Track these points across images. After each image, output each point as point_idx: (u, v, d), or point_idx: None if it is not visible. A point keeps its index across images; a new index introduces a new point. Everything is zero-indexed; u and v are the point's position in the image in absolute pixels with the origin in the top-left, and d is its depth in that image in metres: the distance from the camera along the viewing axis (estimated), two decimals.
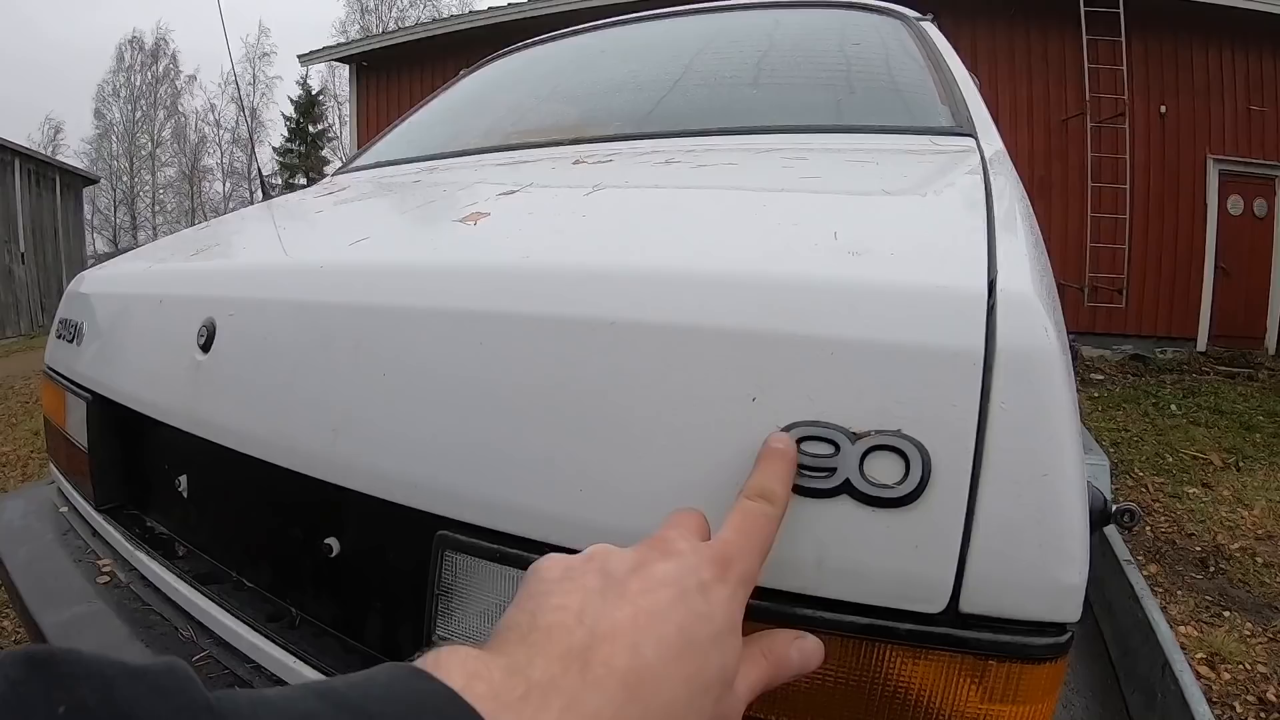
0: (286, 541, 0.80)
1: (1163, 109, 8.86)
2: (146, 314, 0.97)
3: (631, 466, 0.51)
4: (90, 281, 1.24)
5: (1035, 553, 0.44)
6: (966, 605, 0.45)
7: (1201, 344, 8.92)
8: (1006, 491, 0.44)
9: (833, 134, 1.14)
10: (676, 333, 0.51)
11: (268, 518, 0.84)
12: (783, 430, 0.47)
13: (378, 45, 11.14)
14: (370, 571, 0.71)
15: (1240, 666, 2.34)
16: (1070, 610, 0.46)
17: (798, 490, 0.46)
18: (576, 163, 1.08)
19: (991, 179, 0.83)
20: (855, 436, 0.45)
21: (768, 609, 0.47)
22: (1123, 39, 8.33)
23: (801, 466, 0.46)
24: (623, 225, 0.74)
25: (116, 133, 34.15)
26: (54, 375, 1.26)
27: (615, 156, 1.09)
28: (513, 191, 0.91)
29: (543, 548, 0.52)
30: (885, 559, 0.45)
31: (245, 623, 0.80)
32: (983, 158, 1.01)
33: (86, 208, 21.61)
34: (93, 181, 20.13)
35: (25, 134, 30.86)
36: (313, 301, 0.72)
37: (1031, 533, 0.44)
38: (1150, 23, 8.53)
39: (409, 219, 0.96)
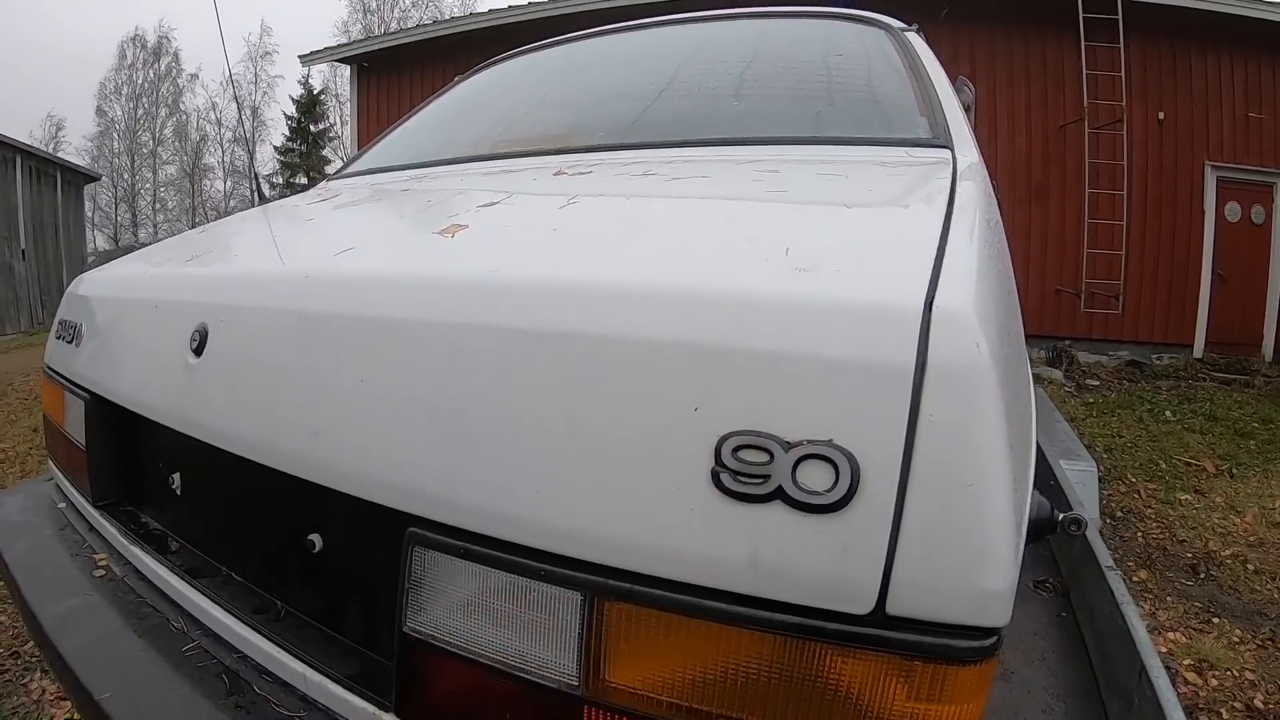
0: (273, 538, 0.84)
1: (1161, 115, 8.86)
2: (143, 317, 1.01)
3: (583, 471, 0.54)
4: (89, 284, 1.27)
5: (960, 559, 0.48)
6: (894, 608, 0.48)
7: (1198, 350, 8.94)
8: (932, 500, 0.48)
9: (809, 146, 1.17)
10: (627, 345, 0.55)
11: (255, 515, 0.87)
12: (722, 435, 0.50)
13: (379, 46, 11.16)
14: (350, 567, 0.75)
15: (1228, 673, 2.35)
16: (996, 615, 0.49)
17: (734, 495, 0.49)
18: (558, 174, 1.12)
19: (958, 192, 0.84)
20: (789, 445, 0.49)
21: (704, 607, 0.51)
22: (1121, 45, 8.34)
23: (737, 473, 0.49)
24: (590, 240, 0.78)
25: (118, 130, 34.16)
26: (53, 375, 1.29)
27: (596, 167, 1.13)
28: (493, 203, 0.94)
29: (504, 546, 0.56)
30: (815, 562, 0.48)
31: (233, 615, 0.84)
32: (955, 170, 1.02)
33: (87, 205, 21.65)
34: (94, 179, 20.16)
35: (27, 131, 30.94)
36: (298, 310, 0.76)
37: (956, 540, 0.48)
38: (1149, 29, 8.53)
39: (394, 229, 1.00)
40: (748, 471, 0.49)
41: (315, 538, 0.75)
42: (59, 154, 22.76)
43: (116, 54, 34.17)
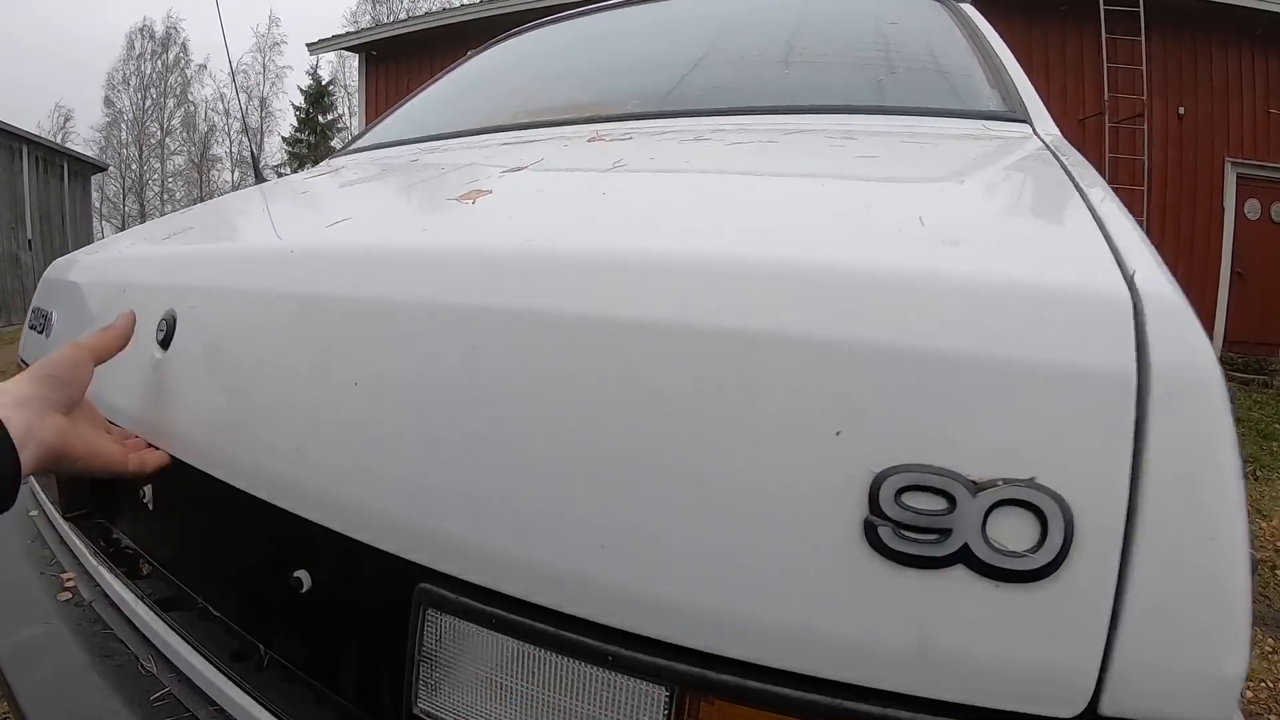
0: (254, 569, 0.69)
1: (1181, 110, 8.75)
2: (109, 304, 0.87)
3: (670, 519, 0.39)
4: (62, 268, 1.15)
5: (1197, 638, 0.34)
6: (1109, 707, 0.34)
7: (1216, 349, 8.73)
8: (1166, 560, 0.33)
9: (875, 115, 1.03)
10: (732, 341, 0.40)
11: (233, 540, 0.73)
12: (879, 472, 0.36)
13: (388, 34, 11.03)
14: (345, 614, 0.59)
15: (1262, 684, 2.25)
16: (1227, 706, 0.35)
17: (899, 558, 0.35)
18: (591, 140, 0.97)
19: (1070, 166, 0.73)
20: (976, 487, 0.34)
21: (851, 712, 0.36)
22: (1142, 38, 8.20)
23: (903, 526, 0.35)
24: (653, 205, 0.62)
25: (126, 121, 34.13)
26: (24, 366, 1.17)
27: (635, 134, 0.97)
28: (519, 168, 0.79)
29: (552, 616, 0.41)
30: (1010, 649, 0.34)
31: (209, 660, 0.70)
32: (1047, 145, 0.91)
33: (95, 195, 21.60)
34: (101, 169, 20.12)
35: (35, 121, 30.91)
36: (277, 291, 0.60)
37: (1194, 612, 0.34)
38: (1170, 23, 8.41)
39: (398, 198, 0.84)
40: (919, 524, 0.35)
41: (302, 575, 0.59)
42: (67, 145, 22.68)
43: (125, 44, 34.17)
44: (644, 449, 0.40)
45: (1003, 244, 0.44)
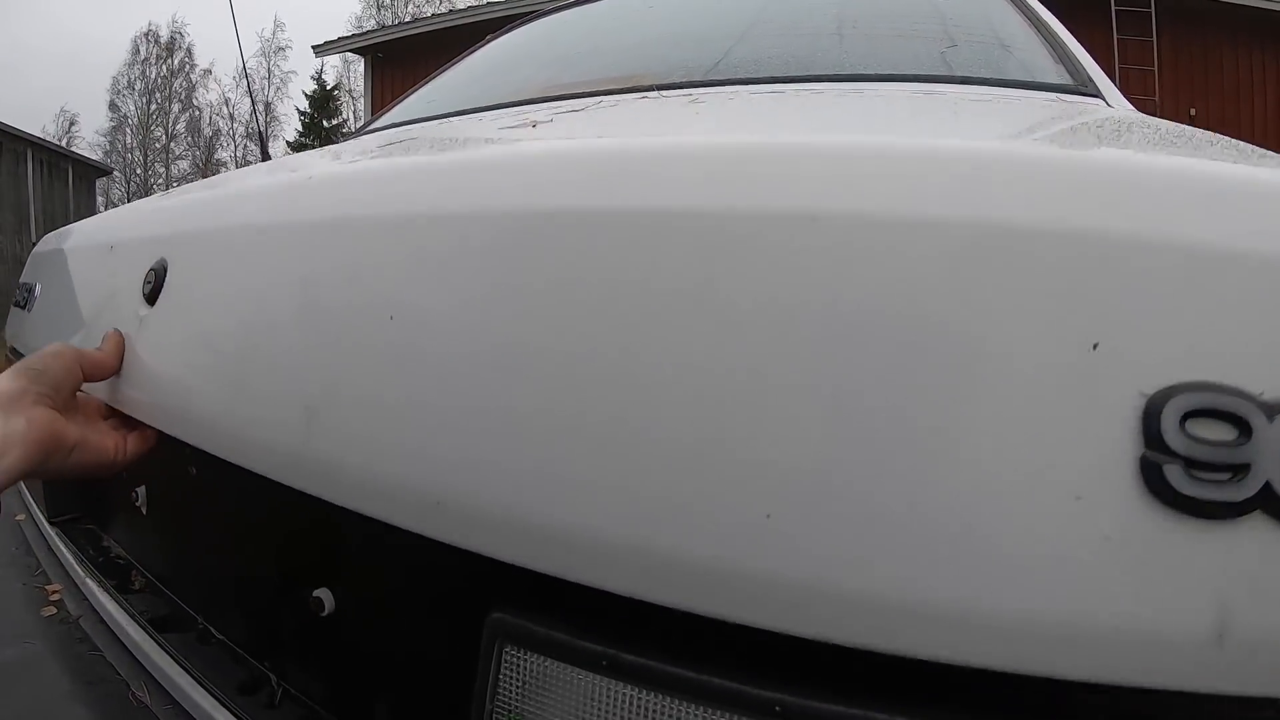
0: (263, 586, 0.59)
1: (1192, 111, 8.72)
2: (94, 265, 0.76)
3: (869, 481, 0.28)
4: (50, 239, 1.05)
5: None
6: None
7: None
8: None
9: (946, 84, 0.93)
10: (947, 236, 0.30)
11: (237, 549, 0.62)
12: (1154, 395, 0.26)
13: (393, 36, 10.99)
14: (380, 641, 0.49)
15: None
16: None
17: (1190, 506, 0.26)
18: (642, 99, 0.86)
19: (1184, 133, 0.64)
20: (1272, 409, 0.25)
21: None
22: (1154, 39, 8.16)
23: (1193, 463, 0.26)
24: (778, 118, 0.50)
25: (130, 125, 34.19)
26: (13, 353, 1.07)
27: (691, 97, 0.87)
28: (577, 110, 0.68)
29: (720, 636, 0.30)
30: None
31: (209, 692, 0.59)
32: (1141, 115, 0.83)
33: (100, 199, 21.55)
34: (106, 173, 20.12)
35: (40, 125, 30.97)
36: (288, 221, 0.49)
37: None
38: (1181, 24, 8.40)
39: (436, 139, 0.71)
40: (1214, 459, 0.25)
41: (323, 594, 0.49)
42: (72, 149, 22.64)
43: (129, 49, 34.27)
44: (836, 384, 0.29)
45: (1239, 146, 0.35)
